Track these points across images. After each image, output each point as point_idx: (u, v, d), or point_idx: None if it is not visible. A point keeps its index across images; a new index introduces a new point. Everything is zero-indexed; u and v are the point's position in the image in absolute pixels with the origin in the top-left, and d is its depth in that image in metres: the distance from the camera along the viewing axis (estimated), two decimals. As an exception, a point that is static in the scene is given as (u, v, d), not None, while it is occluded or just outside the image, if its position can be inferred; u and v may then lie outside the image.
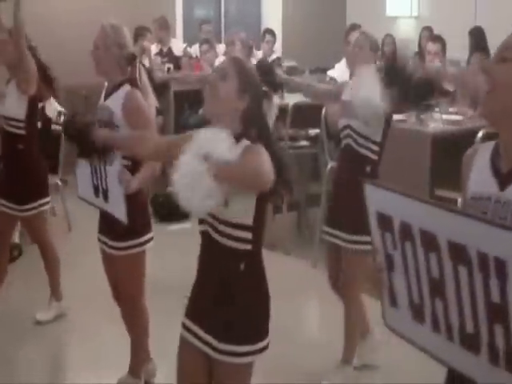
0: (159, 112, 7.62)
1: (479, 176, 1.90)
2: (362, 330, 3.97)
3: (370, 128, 3.66)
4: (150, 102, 3.42)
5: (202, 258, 2.54)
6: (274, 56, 8.06)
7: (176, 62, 8.44)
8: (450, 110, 5.62)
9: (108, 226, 3.33)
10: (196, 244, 2.39)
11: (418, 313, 1.88)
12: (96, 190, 3.30)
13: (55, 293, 4.56)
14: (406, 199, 1.82)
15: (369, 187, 1.99)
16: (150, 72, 7.67)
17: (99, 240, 3.46)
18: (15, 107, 4.25)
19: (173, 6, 9.55)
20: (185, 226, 4.96)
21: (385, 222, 1.91)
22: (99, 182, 3.26)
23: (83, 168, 3.35)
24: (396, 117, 5.01)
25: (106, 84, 3.43)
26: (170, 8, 9.43)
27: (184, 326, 2.57)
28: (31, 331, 4.42)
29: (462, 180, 2.00)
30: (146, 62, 7.66)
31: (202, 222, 2.47)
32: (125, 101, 3.24)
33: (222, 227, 2.39)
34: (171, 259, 5.53)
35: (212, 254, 2.48)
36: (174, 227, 6.25)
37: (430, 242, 1.74)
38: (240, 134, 2.40)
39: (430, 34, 7.94)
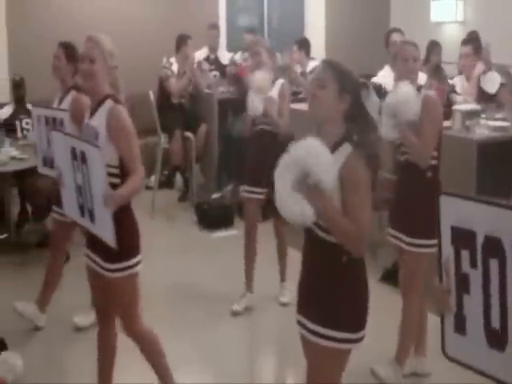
0: (203, 120, 7.71)
1: None
2: (420, 345, 3.98)
3: None
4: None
5: (305, 254, 2.66)
6: (313, 64, 8.06)
7: (222, 70, 8.51)
8: (497, 116, 5.56)
9: (98, 243, 3.18)
10: (239, 251, 2.41)
11: (496, 340, 1.68)
12: (81, 209, 3.23)
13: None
14: (496, 209, 1.63)
15: (445, 199, 1.80)
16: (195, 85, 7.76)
17: (87, 256, 3.33)
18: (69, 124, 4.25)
19: (216, 13, 9.60)
20: (229, 233, 4.97)
21: (463, 237, 1.73)
22: (84, 201, 3.18)
23: (68, 187, 3.30)
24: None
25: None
26: (214, 16, 9.49)
27: (298, 322, 2.68)
28: (70, 336, 4.50)
29: None
30: (188, 70, 7.74)
31: None
32: (107, 118, 3.14)
33: (326, 224, 2.49)
34: (215, 268, 5.57)
35: (315, 249, 2.59)
36: (218, 235, 6.29)
37: None
38: (343, 136, 2.53)
39: (475, 40, 7.84)
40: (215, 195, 7.33)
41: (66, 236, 4.62)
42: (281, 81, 4.86)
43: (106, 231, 3.07)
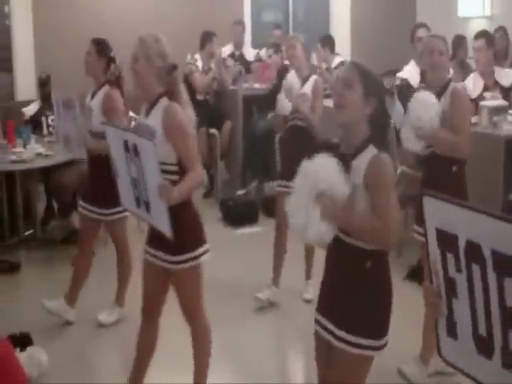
0: (228, 116, 7.71)
1: None
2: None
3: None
4: (189, 114, 3.32)
5: (329, 257, 2.64)
6: (338, 60, 8.02)
7: (247, 66, 8.50)
8: (525, 112, 5.49)
9: (160, 239, 3.19)
10: (263, 247, 2.40)
11: (484, 347, 1.62)
12: (137, 201, 3.25)
13: (120, 299, 4.68)
14: (476, 215, 1.56)
15: (428, 200, 1.76)
16: (220, 82, 7.77)
17: (147, 252, 3.34)
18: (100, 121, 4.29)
19: (241, 10, 9.60)
20: (253, 229, 4.96)
21: (447, 240, 1.68)
22: (139, 193, 3.20)
23: (124, 179, 3.30)
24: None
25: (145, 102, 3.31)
26: (239, 12, 9.48)
27: (315, 321, 2.68)
28: (95, 333, 4.53)
29: None
30: (214, 67, 7.76)
31: None
32: (163, 116, 3.14)
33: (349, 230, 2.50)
34: (239, 264, 5.57)
35: (339, 253, 2.57)
36: (243, 231, 6.28)
37: (505, 265, 1.48)
38: (367, 139, 2.51)
39: (503, 35, 7.76)
40: (240, 192, 7.34)
41: (93, 231, 4.65)
42: (314, 77, 4.88)
43: (161, 222, 3.08)
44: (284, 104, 4.82)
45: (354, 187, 2.45)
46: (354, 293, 2.53)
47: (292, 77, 4.86)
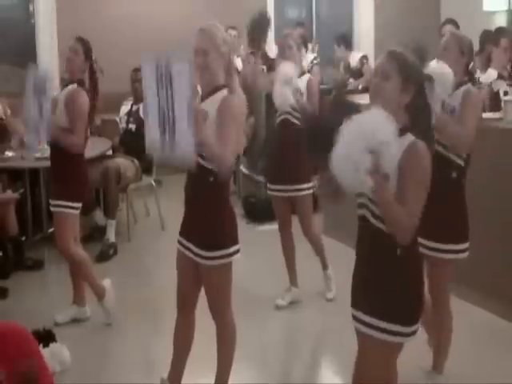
0: (251, 112, 7.70)
1: None
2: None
3: None
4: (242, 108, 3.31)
5: (359, 244, 2.63)
6: (357, 56, 7.98)
7: (270, 63, 8.47)
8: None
9: (194, 231, 3.24)
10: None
11: None
12: (163, 130, 3.07)
13: (77, 296, 4.65)
14: None
15: None
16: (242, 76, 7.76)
17: (180, 243, 3.35)
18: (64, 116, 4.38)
19: (264, 6, 9.58)
20: (275, 226, 4.95)
21: None
22: (166, 122, 3.04)
23: (151, 110, 3.13)
24: (490, 115, 4.87)
25: (200, 89, 3.27)
26: (263, 8, 9.46)
27: (352, 316, 2.66)
28: (114, 330, 4.54)
29: None
30: (238, 62, 7.74)
31: (360, 206, 2.58)
32: (220, 105, 3.10)
33: (380, 212, 2.48)
34: (261, 261, 5.55)
35: (369, 239, 2.56)
36: (265, 228, 6.27)
37: None
38: (404, 128, 2.50)
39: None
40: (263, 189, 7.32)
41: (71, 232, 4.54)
42: (308, 75, 4.84)
43: (186, 145, 2.94)
44: (285, 96, 4.56)
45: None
46: (383, 278, 2.52)
47: (287, 68, 4.61)
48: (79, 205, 4.46)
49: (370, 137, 2.32)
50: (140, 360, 4.26)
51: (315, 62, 8.43)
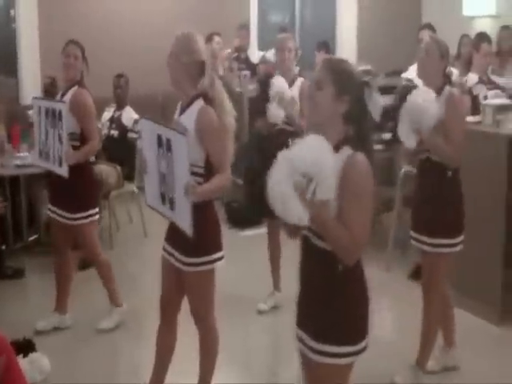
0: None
1: None
2: (449, 339, 3.92)
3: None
4: (225, 116, 3.29)
5: (302, 264, 2.56)
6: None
7: (253, 69, 8.49)
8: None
9: (178, 238, 3.24)
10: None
11: None
12: (163, 197, 3.29)
13: (113, 299, 4.65)
14: None
15: None
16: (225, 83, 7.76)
17: (165, 250, 3.38)
18: (70, 122, 4.35)
19: (248, 11, 9.59)
20: (258, 231, 4.96)
21: None
22: (166, 190, 3.24)
23: (152, 175, 3.35)
24: (471, 118, 4.90)
25: (181, 99, 3.35)
26: (246, 14, 9.48)
27: (296, 336, 2.59)
28: (96, 337, 4.52)
29: None
30: (220, 69, 7.74)
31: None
32: (197, 118, 3.17)
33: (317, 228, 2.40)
34: (243, 266, 5.55)
35: (311, 259, 2.49)
36: (248, 233, 6.27)
37: None
38: (343, 140, 2.41)
39: (508, 34, 7.71)
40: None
41: (65, 238, 4.59)
42: (300, 79, 4.82)
43: (184, 220, 3.11)
44: (276, 113, 4.67)
45: None
46: (327, 300, 2.43)
47: (279, 82, 4.71)
48: (97, 209, 4.53)
49: (297, 164, 2.25)
50: (123, 367, 4.25)
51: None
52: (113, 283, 4.64)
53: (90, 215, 4.46)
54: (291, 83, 4.74)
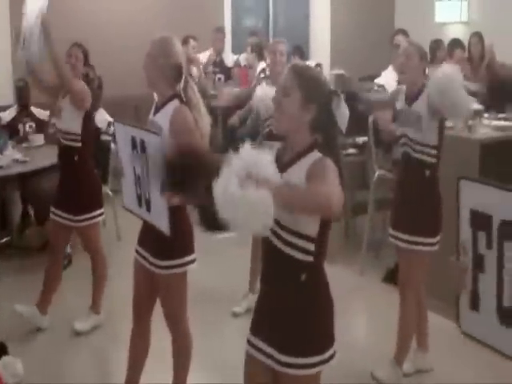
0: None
1: None
2: (422, 341, 3.97)
3: (426, 134, 3.72)
4: (200, 118, 3.31)
5: (264, 268, 2.51)
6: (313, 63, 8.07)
7: (227, 73, 8.50)
8: (500, 116, 5.53)
9: (151, 241, 3.25)
10: (242, 253, 2.37)
11: (507, 317, 1.74)
12: (139, 199, 3.28)
13: (95, 305, 4.65)
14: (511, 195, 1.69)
15: (465, 183, 1.87)
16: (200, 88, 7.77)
17: (137, 252, 3.36)
18: (71, 121, 4.41)
19: (222, 15, 9.60)
20: (231, 234, 4.94)
21: (480, 220, 1.79)
22: (142, 191, 3.23)
23: (128, 177, 3.34)
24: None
25: (156, 98, 3.36)
26: (220, 17, 9.49)
27: (249, 342, 2.56)
28: (71, 340, 4.49)
29: None
30: (194, 72, 7.73)
31: None
32: (172, 117, 3.16)
33: (284, 234, 2.35)
34: (217, 269, 5.55)
35: (274, 263, 2.44)
36: (220, 236, 6.27)
37: None
38: (310, 146, 2.38)
39: (479, 40, 7.82)
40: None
41: (64, 238, 4.64)
42: None
43: (161, 220, 3.10)
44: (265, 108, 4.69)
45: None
46: (291, 310, 2.39)
47: (266, 91, 4.70)
48: (102, 209, 4.57)
49: (237, 166, 2.10)
50: (96, 370, 4.22)
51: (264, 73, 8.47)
52: (104, 286, 4.66)
53: (94, 216, 4.51)
54: None
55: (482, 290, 1.81)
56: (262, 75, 7.87)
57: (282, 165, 2.35)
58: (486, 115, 5.33)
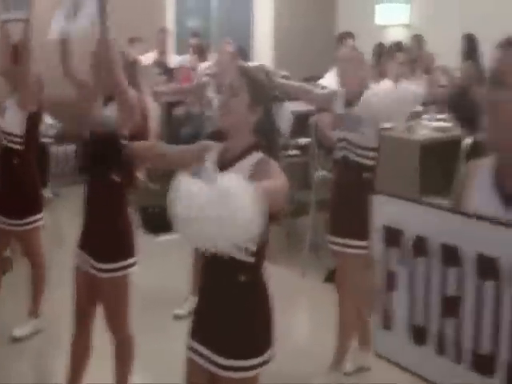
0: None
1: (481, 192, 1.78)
2: (364, 340, 3.99)
3: (365, 137, 3.74)
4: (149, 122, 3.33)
5: (203, 269, 2.50)
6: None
7: (170, 74, 8.44)
8: (438, 116, 5.62)
9: (92, 244, 3.22)
10: (184, 256, 2.35)
11: (419, 335, 1.69)
12: None
13: (35, 309, 4.57)
14: (426, 209, 1.64)
15: (378, 198, 1.78)
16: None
17: (78, 256, 3.31)
18: (14, 122, 4.28)
19: (164, 16, 9.54)
20: (173, 237, 4.90)
21: (392, 236, 1.72)
22: None
23: None
24: (384, 124, 5.02)
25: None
26: (163, 18, 9.43)
27: (188, 345, 2.54)
28: (10, 346, 4.41)
29: (457, 187, 1.91)
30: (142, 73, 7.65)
31: None
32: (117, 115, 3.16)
33: None
34: (159, 271, 5.50)
35: (213, 264, 2.40)
36: (162, 238, 6.23)
37: (451, 256, 1.57)
38: (253, 146, 2.40)
39: (420, 43, 7.94)
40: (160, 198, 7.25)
41: (3, 243, 4.55)
42: None
43: None
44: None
45: None
46: (230, 311, 2.40)
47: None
48: (42, 213, 4.46)
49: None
50: (37, 376, 4.14)
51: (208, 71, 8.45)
52: (43, 290, 4.58)
53: (36, 220, 4.42)
54: None
55: (394, 308, 1.74)
56: (206, 75, 7.89)
57: (225, 163, 2.38)
58: (425, 116, 5.41)
